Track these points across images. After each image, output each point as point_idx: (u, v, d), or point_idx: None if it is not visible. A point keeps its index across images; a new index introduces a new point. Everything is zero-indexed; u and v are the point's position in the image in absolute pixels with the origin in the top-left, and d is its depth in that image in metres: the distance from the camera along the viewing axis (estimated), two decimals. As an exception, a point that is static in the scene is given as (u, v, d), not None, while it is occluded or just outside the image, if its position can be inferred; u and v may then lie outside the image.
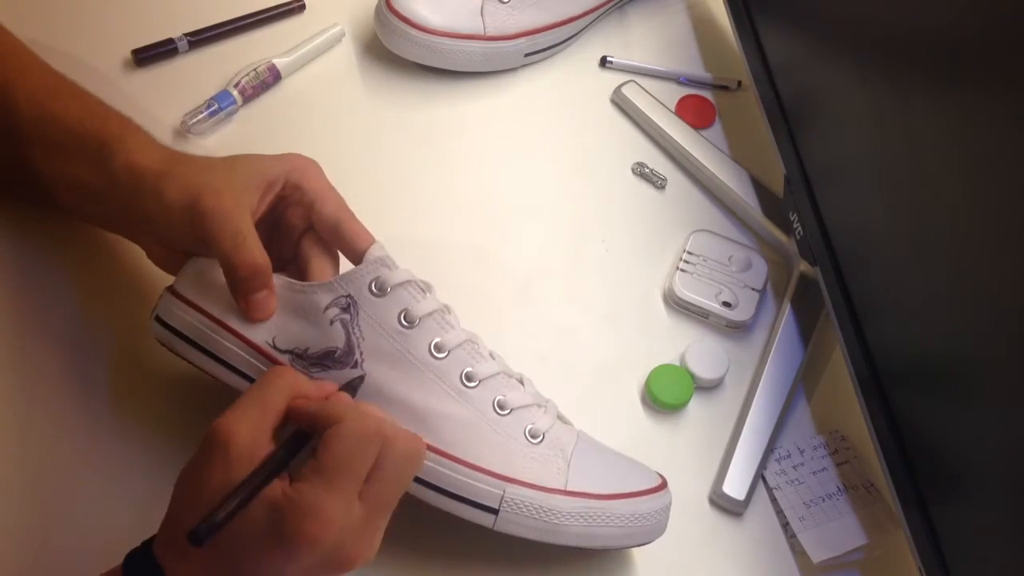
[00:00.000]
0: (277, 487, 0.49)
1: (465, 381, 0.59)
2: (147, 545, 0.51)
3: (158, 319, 0.60)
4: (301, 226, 0.63)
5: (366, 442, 0.50)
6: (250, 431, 0.50)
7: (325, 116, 0.81)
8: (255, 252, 0.58)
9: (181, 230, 0.59)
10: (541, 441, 0.60)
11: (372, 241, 0.60)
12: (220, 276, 0.60)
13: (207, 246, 0.58)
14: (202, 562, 0.49)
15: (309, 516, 0.48)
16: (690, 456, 0.70)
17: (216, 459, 0.49)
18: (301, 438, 0.52)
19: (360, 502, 0.50)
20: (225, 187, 0.59)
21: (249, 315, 0.59)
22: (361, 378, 0.58)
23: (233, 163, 0.61)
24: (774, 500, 0.68)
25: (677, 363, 0.72)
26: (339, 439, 0.50)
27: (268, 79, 0.80)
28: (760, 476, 0.68)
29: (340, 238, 0.61)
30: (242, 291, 0.58)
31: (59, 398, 0.65)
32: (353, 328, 0.58)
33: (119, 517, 0.60)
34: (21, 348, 0.66)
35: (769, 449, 0.69)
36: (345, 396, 0.56)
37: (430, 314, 0.60)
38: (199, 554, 0.47)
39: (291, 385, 0.53)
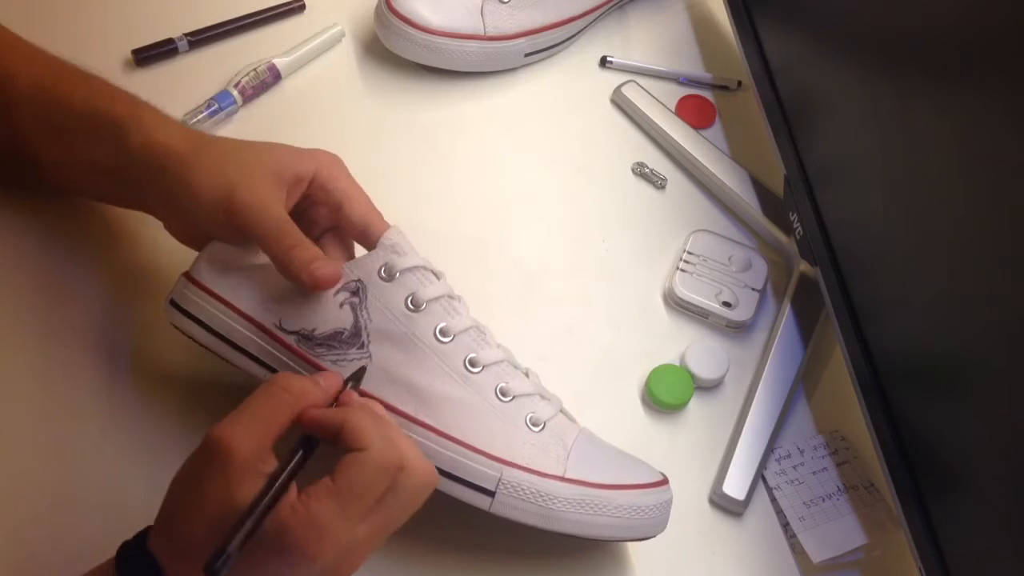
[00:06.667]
0: (285, 503, 0.48)
1: (469, 366, 0.60)
2: (141, 539, 0.50)
3: (173, 303, 0.61)
4: (324, 224, 0.64)
5: (385, 473, 0.50)
6: (252, 445, 0.48)
7: (325, 116, 0.81)
8: (299, 232, 0.59)
9: (210, 217, 0.59)
10: (542, 429, 0.60)
11: None
12: (233, 261, 0.61)
13: (244, 236, 0.59)
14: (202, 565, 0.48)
15: (316, 536, 0.48)
16: (690, 456, 0.70)
17: (216, 470, 0.48)
18: (306, 444, 0.51)
19: (365, 523, 0.49)
20: (258, 179, 0.59)
21: (317, 285, 0.58)
22: (363, 368, 0.58)
23: (260, 152, 0.61)
24: (774, 500, 0.68)
25: (677, 363, 0.72)
26: (360, 467, 0.49)
27: (268, 79, 0.80)
28: (760, 476, 0.68)
29: (368, 240, 0.62)
30: (300, 266, 0.58)
31: (79, 384, 0.65)
32: (361, 310, 0.59)
33: (140, 502, 0.59)
34: (39, 335, 0.66)
35: (769, 449, 0.69)
36: (355, 396, 0.55)
37: (437, 299, 0.60)
38: (200, 556, 0.47)
39: (298, 399, 0.52)
